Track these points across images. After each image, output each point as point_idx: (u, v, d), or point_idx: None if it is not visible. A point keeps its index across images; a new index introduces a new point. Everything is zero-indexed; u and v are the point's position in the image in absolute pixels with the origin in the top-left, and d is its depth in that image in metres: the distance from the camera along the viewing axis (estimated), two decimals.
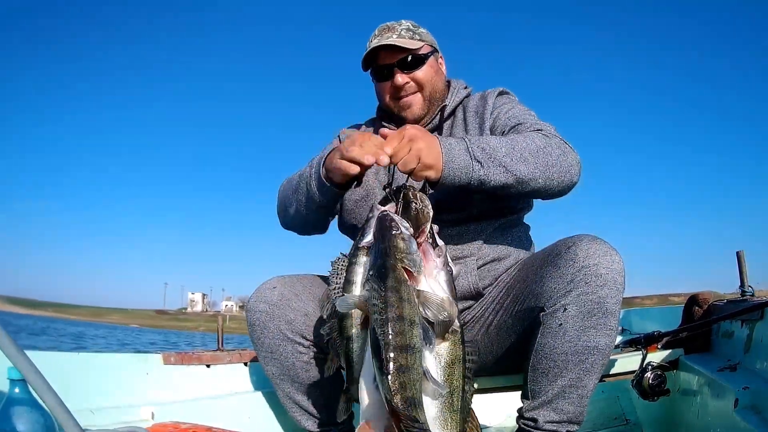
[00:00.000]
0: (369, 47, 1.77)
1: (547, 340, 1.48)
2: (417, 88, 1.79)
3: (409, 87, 1.78)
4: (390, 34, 1.76)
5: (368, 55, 1.78)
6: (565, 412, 1.50)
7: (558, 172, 1.55)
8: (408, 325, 1.08)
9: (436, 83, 1.83)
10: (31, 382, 0.99)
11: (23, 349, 1.00)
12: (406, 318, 1.09)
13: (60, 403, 0.99)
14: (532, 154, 1.52)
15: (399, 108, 1.82)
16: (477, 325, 1.74)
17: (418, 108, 1.81)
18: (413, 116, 1.82)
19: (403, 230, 1.22)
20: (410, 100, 1.80)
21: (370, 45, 1.77)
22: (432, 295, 1.17)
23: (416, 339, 1.09)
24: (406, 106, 1.81)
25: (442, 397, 1.18)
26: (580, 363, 1.46)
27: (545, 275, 1.51)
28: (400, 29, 1.78)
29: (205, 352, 2.42)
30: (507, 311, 1.65)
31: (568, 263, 1.46)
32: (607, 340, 1.47)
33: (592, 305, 1.43)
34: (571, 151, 1.61)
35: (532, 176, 1.51)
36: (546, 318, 1.48)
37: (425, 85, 1.80)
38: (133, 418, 1.90)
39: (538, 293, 1.52)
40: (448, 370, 1.21)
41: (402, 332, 1.07)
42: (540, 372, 1.50)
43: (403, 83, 1.77)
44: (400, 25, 1.80)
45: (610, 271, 1.43)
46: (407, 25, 1.80)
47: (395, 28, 1.79)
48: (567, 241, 1.53)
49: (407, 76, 1.77)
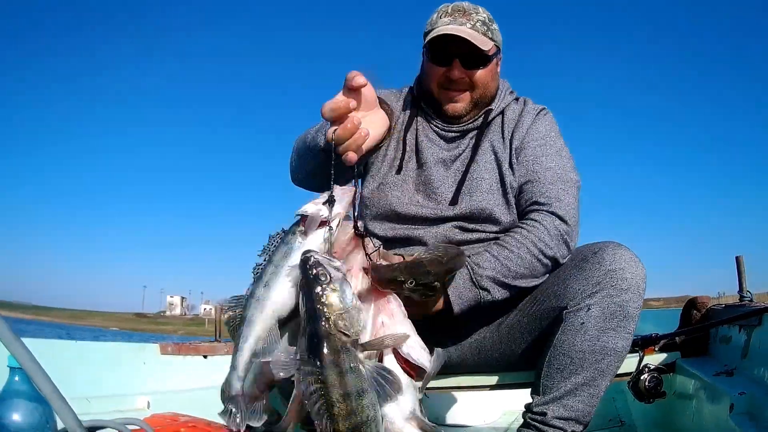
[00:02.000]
0: (438, 26, 1.64)
1: (567, 337, 1.51)
2: (469, 86, 1.70)
3: (462, 83, 1.69)
4: (464, 20, 1.64)
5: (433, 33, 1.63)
6: (574, 409, 1.52)
7: (546, 273, 1.62)
8: (356, 399, 0.97)
9: (489, 87, 1.74)
10: (27, 370, 0.99)
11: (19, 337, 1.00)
12: (353, 392, 0.97)
13: (55, 390, 0.99)
14: (524, 272, 1.57)
15: (444, 98, 1.72)
16: (486, 322, 1.73)
17: (462, 106, 1.72)
18: (455, 112, 1.73)
19: (332, 276, 1.03)
20: (458, 97, 1.71)
21: (440, 23, 1.64)
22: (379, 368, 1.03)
23: (369, 409, 0.98)
24: (452, 99, 1.72)
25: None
26: (596, 363, 1.50)
27: (569, 277, 1.55)
28: (476, 19, 1.65)
29: (201, 343, 2.43)
30: (522, 311, 1.67)
31: (594, 266, 1.51)
32: (625, 343, 1.51)
33: (615, 308, 1.48)
34: (566, 250, 1.61)
35: (527, 285, 1.60)
36: (568, 316, 1.52)
37: (479, 86, 1.70)
38: (129, 407, 1.91)
39: (561, 294, 1.56)
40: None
41: (352, 411, 0.97)
42: (555, 368, 1.53)
43: (459, 77, 1.67)
44: (477, 14, 1.66)
45: (635, 277, 1.49)
46: (484, 17, 1.67)
47: (471, 15, 1.65)
48: (593, 246, 1.58)
49: (466, 72, 1.67)
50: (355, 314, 1.02)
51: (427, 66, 1.74)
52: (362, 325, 1.03)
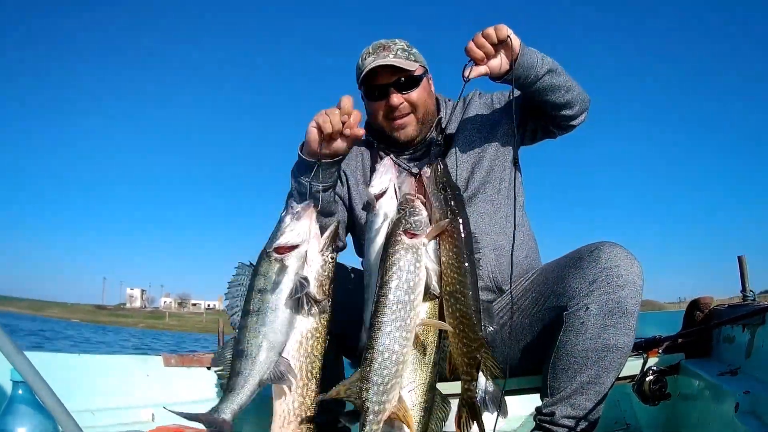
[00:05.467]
0: (365, 65, 1.78)
1: (569, 338, 1.55)
2: (411, 109, 1.81)
3: (404, 108, 1.80)
4: (386, 54, 1.77)
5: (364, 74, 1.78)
6: (582, 408, 1.55)
7: (579, 96, 1.78)
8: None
9: (429, 104, 1.87)
10: (30, 384, 0.99)
11: (23, 350, 1.00)
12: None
13: (59, 404, 0.99)
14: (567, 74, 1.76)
15: (392, 128, 1.84)
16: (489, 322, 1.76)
17: (411, 129, 1.84)
18: (406, 137, 1.85)
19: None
20: (404, 122, 1.82)
21: (366, 63, 1.78)
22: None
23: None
24: (400, 127, 1.83)
25: (415, 350, 1.32)
26: (600, 360, 1.53)
27: (567, 276, 1.61)
28: (395, 49, 1.79)
29: (205, 354, 2.42)
30: (524, 313, 1.72)
31: (590, 265, 1.56)
32: (626, 339, 1.54)
33: (613, 305, 1.52)
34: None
35: (570, 86, 1.74)
36: (569, 317, 1.56)
37: (419, 106, 1.82)
38: (134, 419, 1.90)
39: (560, 293, 1.60)
40: (424, 327, 1.35)
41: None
42: (560, 369, 1.57)
43: (398, 104, 1.79)
44: (395, 45, 1.81)
45: (631, 274, 1.54)
46: (402, 45, 1.82)
47: (390, 47, 1.80)
48: (590, 246, 1.63)
49: (402, 96, 1.79)
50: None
51: (369, 105, 1.87)
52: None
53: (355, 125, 1.52)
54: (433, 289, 1.37)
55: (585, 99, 1.81)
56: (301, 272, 1.34)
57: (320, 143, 1.55)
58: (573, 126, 1.85)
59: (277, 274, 1.31)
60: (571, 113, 1.79)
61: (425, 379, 1.37)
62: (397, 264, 1.31)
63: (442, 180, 1.45)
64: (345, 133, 1.52)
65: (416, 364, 1.36)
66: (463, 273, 1.37)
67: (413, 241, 1.33)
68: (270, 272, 1.31)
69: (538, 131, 1.93)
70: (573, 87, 1.75)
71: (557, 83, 1.71)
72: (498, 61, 1.63)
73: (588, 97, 1.83)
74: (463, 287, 1.37)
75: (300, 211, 1.38)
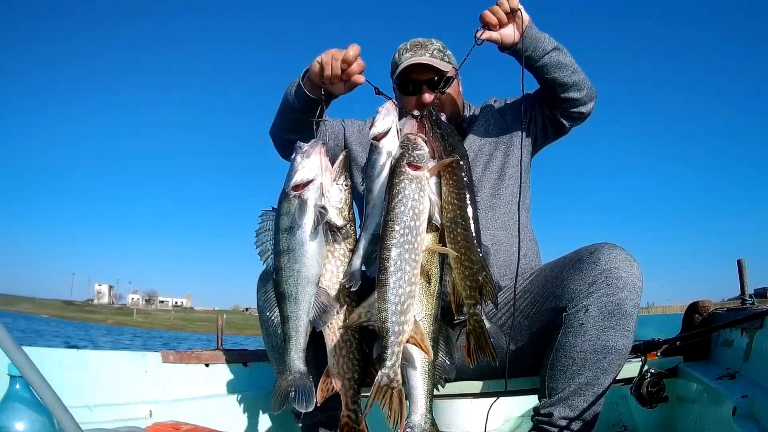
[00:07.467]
0: (402, 60, 1.87)
1: (568, 339, 1.56)
2: (440, 107, 1.86)
3: (434, 106, 1.85)
4: (423, 52, 1.88)
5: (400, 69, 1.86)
6: (579, 409, 1.55)
7: (586, 81, 1.84)
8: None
9: (456, 105, 1.98)
10: (28, 378, 0.99)
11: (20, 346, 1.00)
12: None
13: (57, 399, 0.99)
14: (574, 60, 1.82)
15: None
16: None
17: None
18: None
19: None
20: None
21: (403, 58, 1.88)
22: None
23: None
24: None
25: (421, 281, 1.37)
26: (598, 362, 1.54)
27: (567, 278, 1.61)
28: (432, 48, 1.90)
29: (204, 351, 2.42)
30: (523, 314, 1.72)
31: (590, 267, 1.57)
32: (625, 341, 1.55)
33: (612, 306, 1.53)
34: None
35: (576, 68, 1.81)
36: (568, 318, 1.57)
37: (447, 106, 1.93)
38: (131, 415, 1.90)
39: (560, 295, 1.61)
40: (428, 257, 1.40)
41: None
42: (558, 370, 1.57)
43: (430, 101, 1.85)
44: (432, 45, 1.91)
45: (630, 275, 1.54)
46: (438, 46, 1.92)
47: (428, 46, 1.90)
48: (589, 247, 1.64)
49: (434, 95, 1.86)
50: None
51: (401, 99, 1.94)
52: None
53: (353, 74, 1.60)
54: (435, 220, 1.42)
55: (592, 87, 1.87)
56: (319, 203, 1.42)
57: (321, 79, 1.64)
58: (582, 114, 1.89)
59: (298, 210, 1.40)
60: (579, 95, 1.84)
61: (431, 309, 1.42)
62: (403, 192, 1.37)
63: (436, 121, 1.53)
64: (343, 79, 1.61)
65: (421, 294, 1.40)
66: (463, 200, 1.43)
67: (417, 173, 1.39)
68: (291, 209, 1.40)
69: (548, 127, 1.97)
70: (580, 70, 1.82)
71: (564, 61, 1.78)
72: (510, 30, 1.71)
73: (595, 90, 1.89)
74: (463, 212, 1.43)
75: (308, 148, 1.46)
